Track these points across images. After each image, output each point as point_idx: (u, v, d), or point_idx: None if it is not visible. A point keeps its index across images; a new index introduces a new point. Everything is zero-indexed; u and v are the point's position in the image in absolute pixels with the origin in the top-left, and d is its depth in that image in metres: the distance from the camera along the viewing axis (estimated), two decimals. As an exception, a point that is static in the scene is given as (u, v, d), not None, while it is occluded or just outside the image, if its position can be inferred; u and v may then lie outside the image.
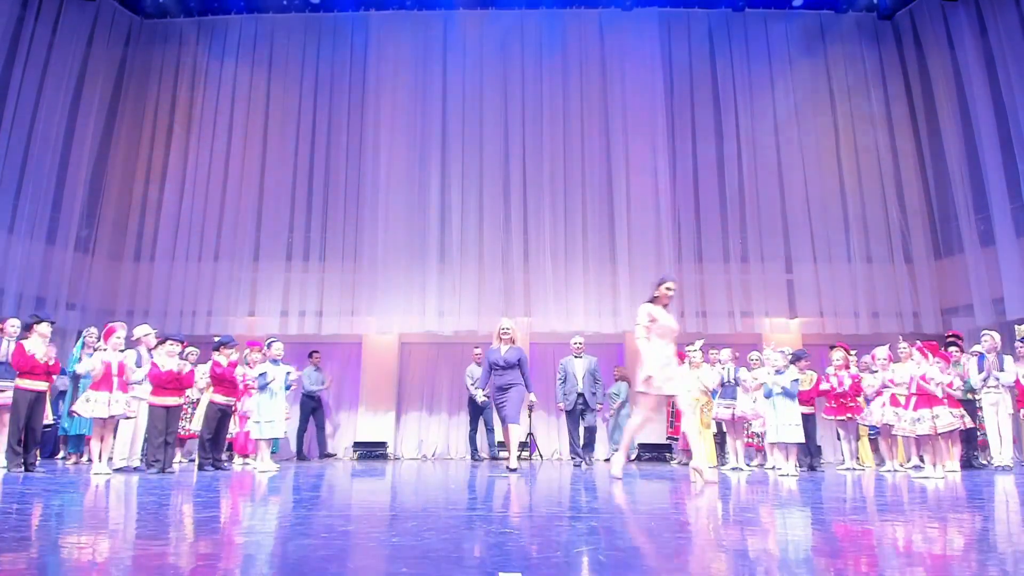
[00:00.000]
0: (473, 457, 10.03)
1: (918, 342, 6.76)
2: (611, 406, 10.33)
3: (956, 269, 10.51)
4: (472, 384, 9.75)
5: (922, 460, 6.83)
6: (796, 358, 7.34)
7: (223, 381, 7.45)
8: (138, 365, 6.72)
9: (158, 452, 6.46)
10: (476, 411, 9.99)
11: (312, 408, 10.27)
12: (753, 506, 3.85)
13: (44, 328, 6.43)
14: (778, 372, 6.82)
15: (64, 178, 10.67)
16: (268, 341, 7.75)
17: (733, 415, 8.06)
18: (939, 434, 6.14)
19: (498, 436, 10.14)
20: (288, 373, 7.55)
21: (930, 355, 6.35)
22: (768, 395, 6.83)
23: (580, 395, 8.19)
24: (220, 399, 7.49)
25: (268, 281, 11.12)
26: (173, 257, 11.29)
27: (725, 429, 8.43)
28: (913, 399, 6.30)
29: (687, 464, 8.85)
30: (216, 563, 2.07)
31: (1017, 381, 7.26)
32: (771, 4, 11.85)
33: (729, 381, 8.21)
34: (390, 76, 11.80)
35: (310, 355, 10.49)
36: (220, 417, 7.53)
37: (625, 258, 10.93)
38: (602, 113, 11.57)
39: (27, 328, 6.54)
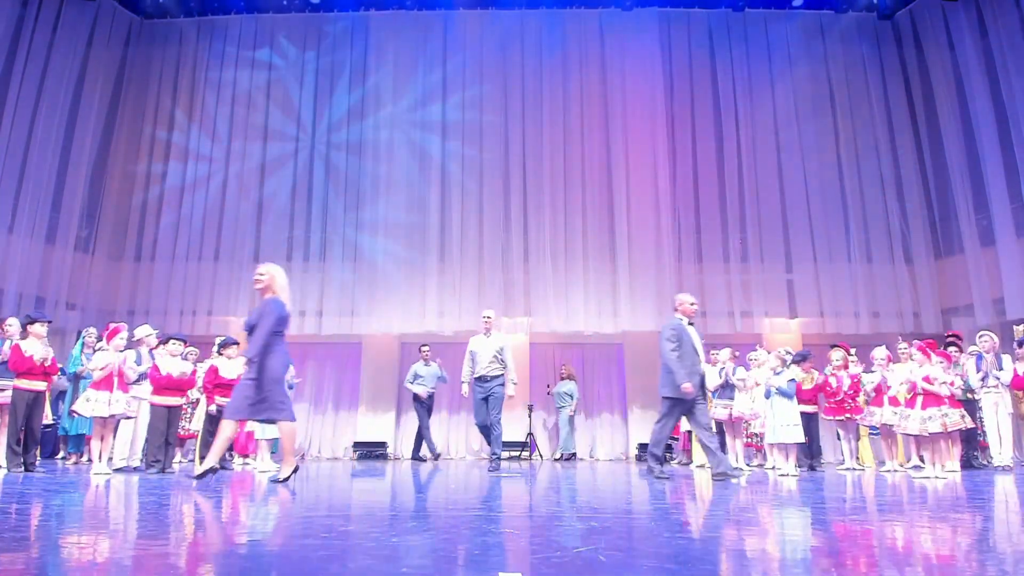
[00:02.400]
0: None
1: (917, 342, 6.76)
2: (568, 407, 10.28)
3: (956, 269, 10.51)
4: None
5: (922, 460, 6.83)
6: (800, 358, 7.34)
7: (224, 384, 7.48)
8: (138, 364, 6.73)
9: (158, 452, 6.47)
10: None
11: (428, 408, 9.92)
12: (753, 506, 3.85)
13: (39, 328, 6.43)
14: (775, 372, 6.82)
15: (64, 178, 10.67)
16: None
17: (730, 415, 8.06)
18: (948, 432, 6.15)
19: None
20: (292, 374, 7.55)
21: (932, 355, 6.35)
22: (767, 395, 6.83)
23: (702, 376, 6.16)
24: (221, 400, 7.50)
25: (268, 281, 11.10)
26: (173, 257, 11.28)
27: (724, 429, 8.42)
28: (920, 398, 6.29)
29: (687, 464, 8.88)
30: (216, 563, 2.06)
31: (1017, 377, 7.22)
32: (771, 4, 11.85)
33: (729, 381, 8.20)
34: (390, 76, 11.81)
35: (420, 349, 10.13)
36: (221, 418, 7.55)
37: (625, 258, 10.93)
38: (602, 113, 11.57)
39: (23, 328, 6.53)
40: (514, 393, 7.24)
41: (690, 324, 6.35)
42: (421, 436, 9.88)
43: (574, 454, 10.35)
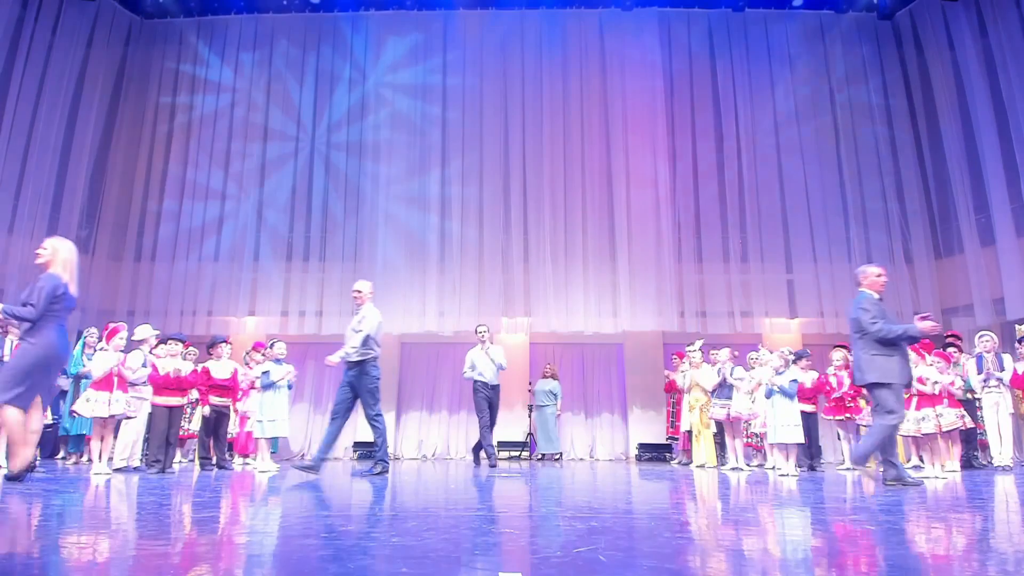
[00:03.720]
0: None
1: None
2: (554, 406, 10.24)
3: (956, 269, 10.51)
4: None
5: (922, 460, 6.83)
6: (797, 357, 7.34)
7: (217, 384, 7.54)
8: (142, 366, 6.74)
9: (158, 452, 6.47)
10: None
11: (490, 401, 8.29)
12: (753, 506, 3.85)
13: None
14: (777, 372, 6.82)
15: (64, 178, 10.67)
16: (271, 342, 7.78)
17: (728, 415, 8.06)
18: (943, 433, 6.15)
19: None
20: (290, 372, 7.56)
21: (927, 355, 6.36)
22: (769, 395, 6.83)
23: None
24: (215, 400, 7.56)
25: (268, 281, 11.12)
26: (173, 257, 11.29)
27: (723, 429, 8.42)
28: (915, 399, 6.30)
29: (687, 464, 8.89)
30: (216, 563, 2.07)
31: (1016, 375, 7.23)
32: (771, 4, 11.84)
33: (726, 381, 8.20)
34: (390, 76, 11.81)
35: (476, 331, 8.64)
36: (216, 417, 7.61)
37: (625, 258, 10.93)
38: (602, 113, 11.57)
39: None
40: (336, 360, 6.25)
41: (879, 300, 5.23)
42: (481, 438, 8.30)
43: (559, 455, 10.29)
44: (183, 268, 11.21)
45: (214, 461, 7.54)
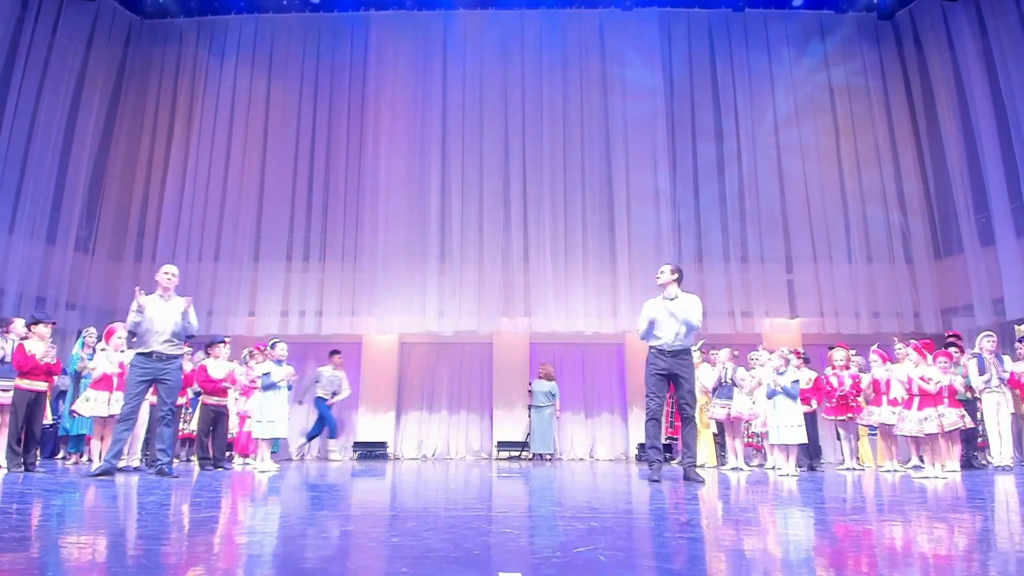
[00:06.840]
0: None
1: (913, 341, 6.77)
2: (552, 407, 10.21)
3: (956, 269, 10.51)
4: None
5: (922, 460, 6.83)
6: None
7: (212, 385, 7.55)
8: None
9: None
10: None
11: (660, 372, 5.77)
12: (753, 506, 3.85)
13: (42, 329, 6.45)
14: (778, 372, 6.82)
15: (64, 178, 10.67)
16: (272, 342, 7.77)
17: (729, 415, 8.06)
18: (944, 433, 6.16)
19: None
20: (290, 373, 7.56)
21: (928, 355, 6.36)
22: (771, 395, 6.82)
23: None
24: (211, 400, 7.57)
25: (268, 281, 11.12)
26: (173, 257, 11.26)
27: (724, 429, 8.42)
28: (916, 399, 6.30)
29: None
30: (216, 563, 2.06)
31: (1013, 378, 7.23)
32: (771, 4, 11.84)
33: (727, 381, 8.21)
34: (390, 76, 11.81)
35: (659, 274, 6.40)
36: (214, 417, 7.62)
37: (625, 258, 10.93)
38: (602, 113, 11.56)
39: (28, 328, 6.56)
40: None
41: None
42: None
43: (550, 455, 10.28)
44: (183, 268, 11.15)
45: (213, 461, 7.54)
